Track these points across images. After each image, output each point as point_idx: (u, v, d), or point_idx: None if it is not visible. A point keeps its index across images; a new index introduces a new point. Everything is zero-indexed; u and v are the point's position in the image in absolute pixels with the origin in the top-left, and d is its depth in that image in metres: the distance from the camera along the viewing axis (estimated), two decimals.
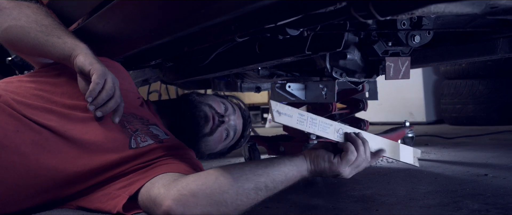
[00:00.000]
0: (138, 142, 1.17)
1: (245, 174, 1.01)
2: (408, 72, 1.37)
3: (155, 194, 1.01)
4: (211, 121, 1.40)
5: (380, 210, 1.11)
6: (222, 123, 1.42)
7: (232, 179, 0.99)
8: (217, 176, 1.00)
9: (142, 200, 1.07)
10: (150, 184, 1.06)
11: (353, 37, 1.36)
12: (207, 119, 1.40)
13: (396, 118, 3.74)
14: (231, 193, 0.98)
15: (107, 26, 1.28)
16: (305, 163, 1.09)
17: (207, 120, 1.40)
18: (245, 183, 1.00)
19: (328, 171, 1.10)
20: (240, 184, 0.99)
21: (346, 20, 1.12)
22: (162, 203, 0.97)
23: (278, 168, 1.05)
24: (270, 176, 1.03)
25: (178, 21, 1.06)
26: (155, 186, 1.04)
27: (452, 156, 1.93)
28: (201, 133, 1.39)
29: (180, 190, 0.98)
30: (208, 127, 1.40)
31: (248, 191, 1.00)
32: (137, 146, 1.16)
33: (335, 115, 1.86)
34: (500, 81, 3.21)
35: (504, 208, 1.06)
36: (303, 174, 1.09)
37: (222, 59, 1.50)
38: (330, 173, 1.10)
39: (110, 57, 1.38)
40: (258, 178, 1.01)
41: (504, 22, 1.32)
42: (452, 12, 0.89)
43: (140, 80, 2.52)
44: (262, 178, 1.02)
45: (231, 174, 1.00)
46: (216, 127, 1.41)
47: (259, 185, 1.01)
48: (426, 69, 3.74)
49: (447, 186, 1.35)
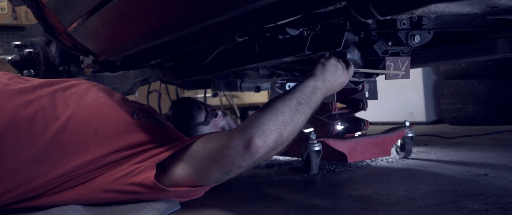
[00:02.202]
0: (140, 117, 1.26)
1: (285, 97, 1.19)
2: (408, 72, 1.37)
3: (217, 146, 1.11)
4: (204, 110, 1.49)
5: (380, 210, 1.11)
6: (215, 115, 1.51)
7: (280, 101, 1.17)
8: (268, 107, 1.16)
9: (186, 167, 1.14)
10: (198, 146, 1.15)
11: (353, 37, 1.36)
12: (200, 107, 1.49)
13: (396, 118, 3.74)
14: (287, 111, 1.15)
15: (107, 26, 1.28)
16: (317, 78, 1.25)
17: (200, 107, 1.48)
18: (290, 101, 1.17)
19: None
20: (287, 103, 1.16)
21: (346, 20, 1.12)
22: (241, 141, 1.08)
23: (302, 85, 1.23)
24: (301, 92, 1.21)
25: (178, 21, 1.06)
26: (207, 144, 1.14)
27: (452, 156, 1.93)
28: (196, 120, 1.43)
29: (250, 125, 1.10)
30: (202, 115, 1.46)
31: (297, 107, 1.17)
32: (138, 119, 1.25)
33: (335, 115, 1.86)
34: (500, 81, 3.21)
35: (504, 208, 1.06)
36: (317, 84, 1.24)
37: (222, 59, 1.50)
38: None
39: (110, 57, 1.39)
40: (295, 94, 1.19)
41: (504, 22, 1.32)
42: (452, 12, 0.89)
43: (140, 80, 2.52)
44: (298, 94, 1.20)
45: (275, 101, 1.18)
46: (211, 117, 1.46)
47: (301, 101, 1.19)
48: (426, 69, 3.73)
49: (447, 186, 1.34)
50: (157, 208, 1.12)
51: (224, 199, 1.32)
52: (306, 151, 1.65)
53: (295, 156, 1.93)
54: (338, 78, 1.28)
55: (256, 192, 1.41)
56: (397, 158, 1.92)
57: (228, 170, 1.12)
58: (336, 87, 1.30)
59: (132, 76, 2.55)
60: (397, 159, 1.89)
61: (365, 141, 1.77)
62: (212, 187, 1.22)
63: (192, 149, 1.15)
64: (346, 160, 1.70)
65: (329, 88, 1.28)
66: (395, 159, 1.90)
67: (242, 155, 1.08)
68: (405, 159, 1.90)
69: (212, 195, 1.33)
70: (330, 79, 1.26)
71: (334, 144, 1.69)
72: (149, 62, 1.65)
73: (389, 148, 1.84)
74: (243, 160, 1.09)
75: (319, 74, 1.25)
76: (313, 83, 1.23)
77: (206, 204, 1.24)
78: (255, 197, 1.33)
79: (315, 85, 1.23)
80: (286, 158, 2.03)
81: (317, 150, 1.65)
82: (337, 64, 1.28)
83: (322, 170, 1.71)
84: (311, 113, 1.22)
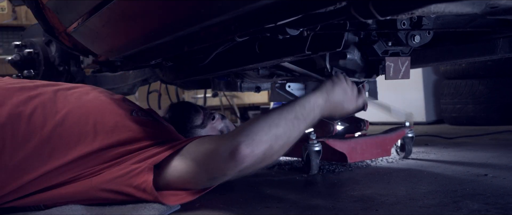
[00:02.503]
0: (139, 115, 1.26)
1: (284, 109, 1.17)
2: (408, 72, 1.37)
3: (207, 149, 1.09)
4: (201, 113, 1.48)
5: (380, 210, 1.11)
6: (213, 118, 1.51)
7: (278, 113, 1.15)
8: (264, 116, 1.13)
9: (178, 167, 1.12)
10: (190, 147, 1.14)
11: (353, 37, 1.36)
12: (197, 109, 1.49)
13: (396, 118, 3.73)
14: (282, 125, 1.12)
15: (107, 26, 1.28)
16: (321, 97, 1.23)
17: (197, 110, 1.48)
18: (288, 114, 1.15)
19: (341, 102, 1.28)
20: (284, 116, 1.14)
21: (346, 20, 1.12)
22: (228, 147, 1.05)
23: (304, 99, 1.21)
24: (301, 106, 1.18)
25: (178, 21, 1.06)
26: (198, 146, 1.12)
27: (452, 156, 1.93)
28: (193, 122, 1.43)
29: (241, 132, 1.07)
30: (199, 118, 1.45)
31: (293, 121, 1.14)
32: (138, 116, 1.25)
33: None
34: (500, 81, 3.21)
35: (504, 208, 1.06)
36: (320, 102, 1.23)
37: (222, 59, 1.50)
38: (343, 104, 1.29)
39: (110, 57, 1.39)
40: (295, 108, 1.17)
41: (504, 22, 1.32)
42: (452, 12, 0.89)
43: (140, 80, 2.53)
44: (297, 108, 1.17)
45: (273, 111, 1.17)
46: (208, 120, 1.46)
47: (298, 115, 1.16)
48: (426, 69, 3.73)
49: (447, 186, 1.34)
50: (157, 208, 1.12)
51: (224, 199, 1.31)
52: (306, 151, 1.65)
53: (295, 156, 1.92)
54: (343, 102, 1.27)
55: (256, 192, 1.41)
56: (397, 158, 1.92)
57: (214, 176, 1.11)
58: (338, 111, 1.29)
59: (132, 76, 2.55)
60: (397, 159, 1.89)
61: (365, 141, 1.77)
62: (212, 187, 1.22)
63: (184, 150, 1.15)
64: (346, 160, 1.70)
65: (331, 110, 1.26)
66: (395, 159, 1.90)
67: (227, 162, 1.06)
68: (405, 159, 1.90)
69: (212, 195, 1.33)
70: (334, 100, 1.24)
71: (334, 144, 1.68)
72: (149, 62, 1.65)
73: (389, 148, 1.84)
74: (227, 167, 1.07)
75: (325, 92, 1.24)
76: (316, 100, 1.21)
77: (206, 205, 1.24)
78: (255, 197, 1.33)
79: (317, 102, 1.21)
80: (286, 158, 2.03)
81: (317, 150, 1.64)
82: (346, 88, 1.26)
83: (322, 170, 1.71)
84: (307, 128, 1.21)
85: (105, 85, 2.49)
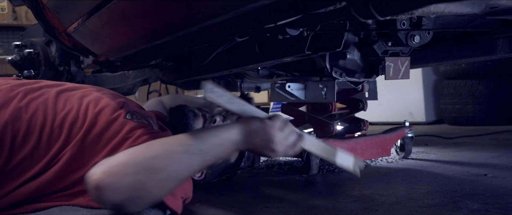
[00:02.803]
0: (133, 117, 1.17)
1: (176, 140, 1.02)
2: (408, 72, 1.37)
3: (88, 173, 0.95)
4: (201, 117, 1.41)
5: (380, 210, 1.11)
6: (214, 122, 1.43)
7: (162, 145, 1.00)
8: (148, 145, 1.01)
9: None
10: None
11: (353, 37, 1.36)
12: (196, 114, 1.42)
13: (396, 118, 3.73)
14: (161, 157, 0.97)
15: (107, 26, 1.28)
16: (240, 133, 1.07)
17: (196, 115, 1.41)
18: (176, 147, 1.00)
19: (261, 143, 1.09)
20: (170, 148, 0.99)
21: (346, 20, 1.12)
22: (91, 178, 0.92)
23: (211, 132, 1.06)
24: (203, 139, 1.02)
25: (178, 21, 1.06)
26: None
27: (452, 156, 1.93)
28: (192, 128, 1.41)
29: (110, 163, 0.95)
30: (199, 122, 1.41)
31: (180, 155, 0.99)
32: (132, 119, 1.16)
33: (334, 115, 1.86)
34: (500, 81, 3.21)
35: (504, 208, 1.06)
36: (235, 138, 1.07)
37: (222, 59, 1.50)
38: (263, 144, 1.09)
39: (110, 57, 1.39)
40: (189, 142, 1.01)
41: (504, 22, 1.32)
42: (452, 12, 0.89)
43: (140, 80, 2.53)
44: (193, 142, 1.01)
45: (162, 141, 1.02)
46: (209, 123, 1.43)
47: (191, 149, 1.00)
48: (425, 69, 3.73)
49: (447, 186, 1.35)
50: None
51: (224, 199, 1.32)
52: (306, 151, 1.65)
53: (295, 156, 1.93)
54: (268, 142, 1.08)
55: (256, 192, 1.41)
56: (397, 158, 1.92)
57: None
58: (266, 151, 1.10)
59: (132, 76, 2.56)
60: (397, 159, 1.89)
61: (365, 141, 1.77)
62: (212, 188, 1.22)
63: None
64: None
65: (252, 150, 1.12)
66: (395, 159, 1.90)
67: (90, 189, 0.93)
68: (405, 159, 1.90)
69: (212, 195, 1.33)
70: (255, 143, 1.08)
71: (334, 144, 1.68)
72: (149, 62, 1.65)
73: (389, 148, 1.85)
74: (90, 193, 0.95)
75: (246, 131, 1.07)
76: (228, 135, 1.06)
77: (206, 205, 1.24)
78: (255, 197, 1.33)
79: (228, 137, 1.06)
80: (286, 158, 2.03)
81: None
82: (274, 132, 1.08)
83: (322, 170, 1.71)
84: (210, 163, 1.07)
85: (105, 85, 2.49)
